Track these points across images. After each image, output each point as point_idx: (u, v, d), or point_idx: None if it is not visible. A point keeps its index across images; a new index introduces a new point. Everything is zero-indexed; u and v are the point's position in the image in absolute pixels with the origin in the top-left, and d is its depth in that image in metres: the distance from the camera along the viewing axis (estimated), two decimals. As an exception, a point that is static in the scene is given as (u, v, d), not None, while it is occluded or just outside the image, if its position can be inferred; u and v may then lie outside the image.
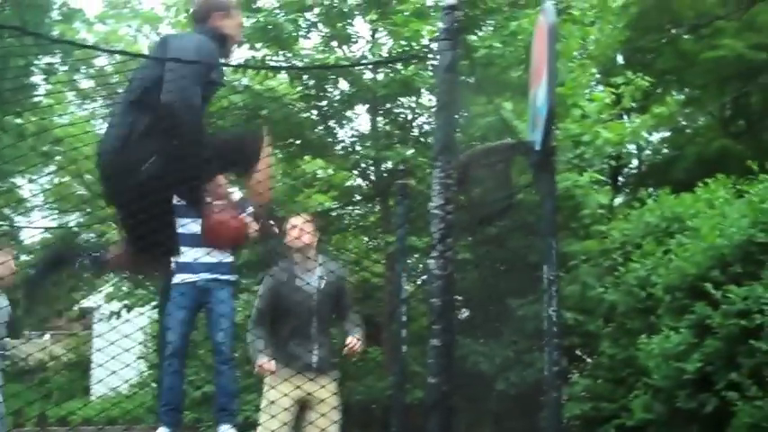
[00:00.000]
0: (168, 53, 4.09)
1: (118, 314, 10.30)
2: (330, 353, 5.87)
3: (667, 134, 20.72)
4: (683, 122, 20.63)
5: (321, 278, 5.84)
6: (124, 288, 11.52)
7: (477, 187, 5.34)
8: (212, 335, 6.23)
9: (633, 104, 10.75)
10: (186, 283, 6.10)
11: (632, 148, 19.23)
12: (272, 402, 5.60)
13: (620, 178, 20.49)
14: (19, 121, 15.32)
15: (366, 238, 12.40)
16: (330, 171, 11.94)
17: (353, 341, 5.79)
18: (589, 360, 7.84)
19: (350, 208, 12.40)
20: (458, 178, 4.95)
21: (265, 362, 5.68)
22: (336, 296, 5.90)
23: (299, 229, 5.82)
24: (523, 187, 5.69)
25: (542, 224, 4.82)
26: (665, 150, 21.30)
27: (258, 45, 10.14)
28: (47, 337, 21.39)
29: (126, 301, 11.11)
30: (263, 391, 5.86)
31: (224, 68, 4.53)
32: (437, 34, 3.44)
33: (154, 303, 10.54)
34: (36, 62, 17.28)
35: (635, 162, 21.51)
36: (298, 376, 5.51)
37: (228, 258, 6.23)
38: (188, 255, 5.90)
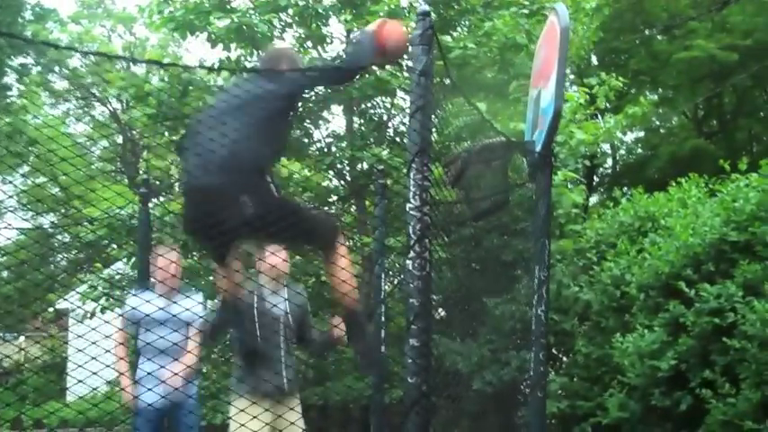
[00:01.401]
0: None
1: (92, 314, 10.24)
2: (295, 376, 5.90)
3: (641, 134, 20.90)
4: (657, 123, 20.82)
5: (287, 301, 5.79)
6: (99, 288, 11.46)
7: (475, 183, 5.36)
8: None
9: (607, 105, 10.83)
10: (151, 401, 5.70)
11: (607, 148, 19.39)
12: (243, 425, 5.50)
13: (595, 178, 20.64)
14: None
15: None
16: (306, 172, 11.96)
17: (336, 331, 5.56)
18: (565, 359, 7.88)
19: (325, 208, 12.41)
20: (455, 174, 5.00)
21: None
22: (301, 319, 5.86)
23: (274, 255, 5.70)
24: (517, 185, 5.73)
25: (535, 223, 4.85)
26: (640, 150, 21.49)
27: (232, 46, 10.13)
28: (22, 338, 21.21)
29: (102, 302, 11.04)
30: (231, 416, 5.75)
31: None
32: (412, 39, 3.47)
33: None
34: (9, 62, 17.18)
35: (609, 162, 21.67)
36: (267, 400, 5.47)
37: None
38: (155, 364, 5.62)
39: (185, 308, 5.79)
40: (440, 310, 7.48)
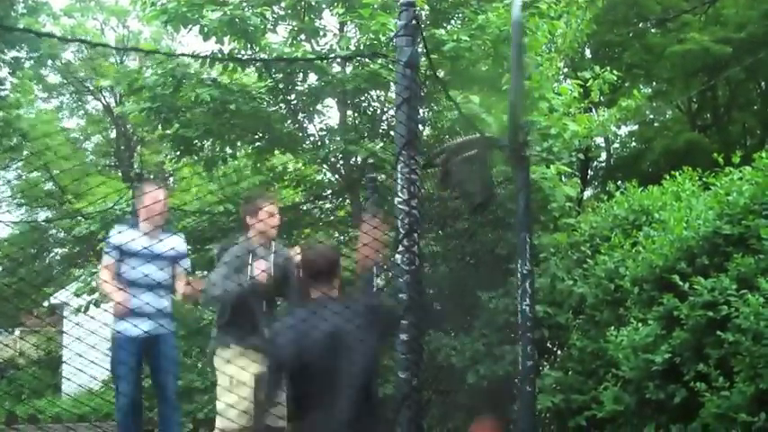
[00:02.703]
0: None
1: (86, 309, 10.20)
2: None
3: (635, 128, 20.90)
4: (651, 116, 20.82)
5: (275, 264, 5.98)
6: (93, 283, 11.42)
7: (458, 180, 5.36)
8: (163, 382, 6.14)
9: (601, 98, 10.80)
10: (136, 334, 5.84)
11: (601, 141, 19.38)
12: (232, 377, 5.70)
13: (590, 171, 20.63)
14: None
15: (336, 233, 12.40)
16: (299, 165, 11.94)
17: None
18: (559, 352, 7.86)
19: (320, 202, 12.40)
20: (441, 172, 5.01)
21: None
22: (283, 279, 5.99)
23: (275, 216, 5.97)
24: (500, 180, 5.74)
25: (517, 218, 4.84)
26: (634, 144, 21.48)
27: (225, 39, 10.08)
28: (16, 333, 21.19)
29: (95, 296, 11.00)
30: (219, 372, 5.88)
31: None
32: (396, 31, 3.44)
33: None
34: (2, 56, 17.11)
35: (604, 155, 21.67)
36: (252, 353, 5.69)
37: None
38: (141, 299, 5.82)
39: (170, 245, 6.07)
40: (435, 304, 7.47)
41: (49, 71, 22.62)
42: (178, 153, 11.09)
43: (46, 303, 21.23)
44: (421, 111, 3.48)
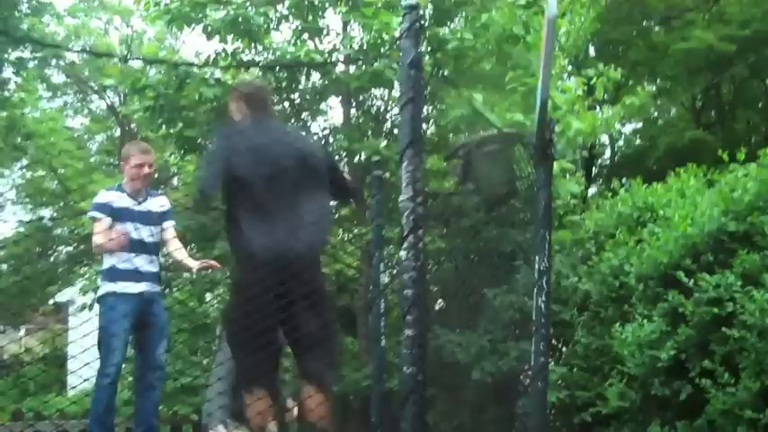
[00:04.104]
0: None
1: (90, 306, 10.21)
2: None
3: (639, 125, 20.89)
4: (655, 114, 20.81)
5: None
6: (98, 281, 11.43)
7: (482, 174, 5.37)
8: (153, 348, 6.01)
9: (605, 96, 10.81)
10: (130, 293, 5.83)
11: (605, 139, 19.38)
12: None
13: (594, 169, 20.63)
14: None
15: (340, 230, 12.41)
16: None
17: None
18: (564, 349, 7.87)
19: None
20: (462, 167, 5.02)
21: None
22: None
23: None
24: (521, 177, 5.73)
25: (538, 215, 4.84)
26: (638, 141, 21.47)
27: (229, 38, 10.09)
28: (22, 331, 21.27)
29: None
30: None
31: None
32: (399, 32, 3.47)
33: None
34: (6, 57, 17.13)
35: (608, 153, 21.66)
36: None
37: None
38: (133, 261, 5.81)
39: (158, 204, 6.10)
40: (439, 300, 7.50)
41: (52, 71, 22.65)
42: (182, 152, 11.10)
43: (51, 301, 21.30)
44: (424, 109, 3.52)
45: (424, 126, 9.33)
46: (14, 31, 14.54)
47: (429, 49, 8.85)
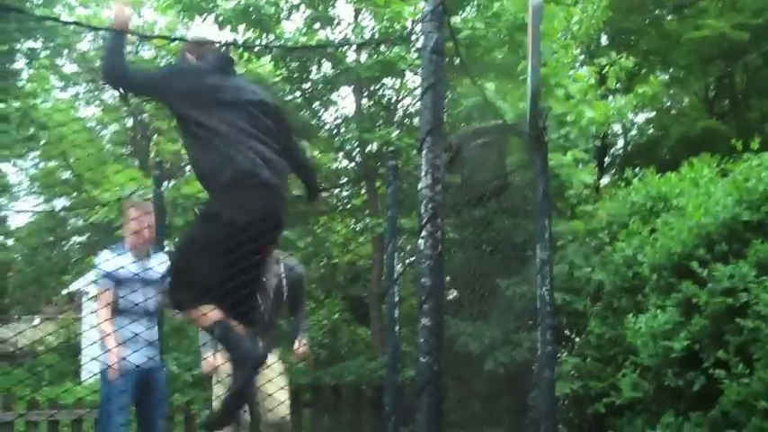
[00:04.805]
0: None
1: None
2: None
3: (652, 115, 20.80)
4: (668, 103, 20.71)
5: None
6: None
7: (471, 167, 5.37)
8: (153, 417, 5.97)
9: (618, 85, 10.76)
10: (131, 366, 5.64)
11: (618, 129, 19.31)
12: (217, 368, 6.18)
13: (606, 159, 20.57)
14: (2, 105, 15.23)
15: (353, 220, 12.43)
16: (316, 153, 11.95)
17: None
18: (577, 339, 7.87)
19: (336, 190, 12.42)
20: (450, 159, 5.01)
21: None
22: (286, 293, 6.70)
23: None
24: (515, 168, 5.72)
25: (536, 204, 4.84)
26: (651, 131, 21.38)
27: (240, 28, 10.09)
28: (37, 320, 21.37)
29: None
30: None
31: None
32: (422, 15, 3.44)
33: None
34: (18, 46, 17.16)
35: (620, 143, 21.59)
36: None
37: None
38: (134, 330, 5.48)
39: (160, 269, 5.80)
40: (452, 290, 7.49)
41: (64, 61, 22.69)
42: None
43: (64, 291, 21.39)
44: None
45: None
46: (27, 19, 14.56)
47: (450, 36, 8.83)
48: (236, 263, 3.91)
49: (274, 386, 6.06)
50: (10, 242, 26.08)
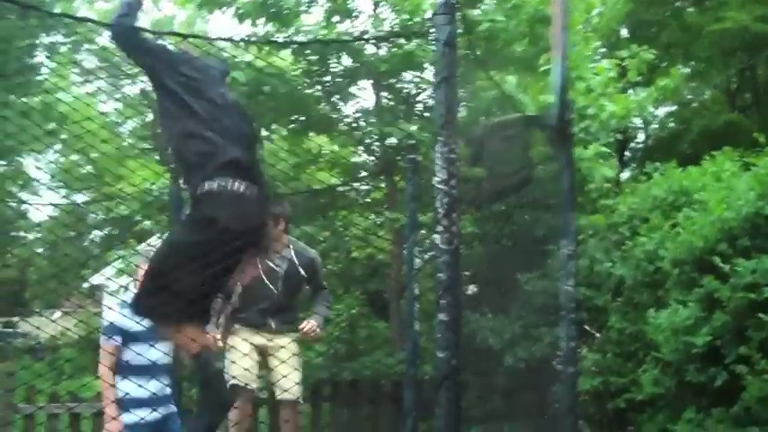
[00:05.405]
0: None
1: (126, 288, 10.28)
2: (289, 318, 6.94)
3: (673, 108, 20.65)
4: (689, 96, 20.55)
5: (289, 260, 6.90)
6: (133, 264, 11.51)
7: (494, 160, 5.33)
8: None
9: (639, 78, 10.67)
10: (145, 424, 5.47)
11: (638, 122, 19.17)
12: (232, 347, 6.61)
13: (627, 153, 20.45)
14: (24, 99, 15.30)
15: (372, 215, 12.41)
16: (335, 147, 11.93)
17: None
18: (597, 335, 7.81)
19: (355, 184, 12.40)
20: (474, 151, 4.97)
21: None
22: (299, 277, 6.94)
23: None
24: (539, 161, 5.67)
25: (561, 198, 4.80)
26: (672, 124, 21.23)
27: (259, 22, 10.07)
28: (57, 314, 21.48)
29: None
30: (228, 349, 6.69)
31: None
32: (435, 8, 3.42)
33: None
34: (39, 41, 17.22)
35: (641, 137, 21.45)
36: (255, 333, 6.76)
37: None
38: (147, 387, 5.42)
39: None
40: (471, 286, 7.47)
41: (85, 56, 22.76)
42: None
43: (85, 285, 21.48)
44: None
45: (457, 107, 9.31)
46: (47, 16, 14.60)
47: (460, 30, 8.78)
48: (211, 267, 3.83)
49: (288, 367, 6.48)
50: (31, 237, 26.28)
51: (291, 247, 6.97)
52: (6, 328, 22.78)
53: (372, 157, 11.62)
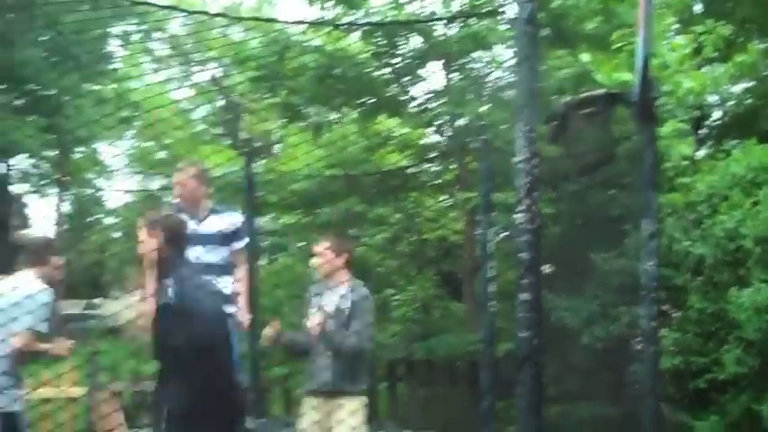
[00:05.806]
0: None
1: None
2: (350, 373, 5.37)
3: (751, 84, 20.20)
4: (767, 72, 20.08)
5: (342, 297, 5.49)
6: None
7: (577, 138, 5.26)
8: None
9: (715, 54, 10.43)
10: None
11: (715, 99, 18.79)
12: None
13: (703, 130, 20.07)
14: (97, 87, 15.60)
15: (443, 196, 12.40)
16: (405, 129, 11.93)
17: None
18: (675, 314, 7.68)
19: (426, 165, 12.39)
20: (554, 129, 4.90)
21: None
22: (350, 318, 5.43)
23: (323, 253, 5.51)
24: (621, 139, 5.58)
25: (638, 177, 4.73)
26: (749, 101, 20.77)
27: (328, 5, 10.10)
28: (137, 297, 21.92)
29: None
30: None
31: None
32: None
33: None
34: (111, 30, 17.51)
35: (717, 114, 21.03)
36: (315, 396, 5.41)
37: None
38: None
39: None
40: (547, 265, 7.41)
41: (156, 44, 23.10)
42: (286, 120, 11.22)
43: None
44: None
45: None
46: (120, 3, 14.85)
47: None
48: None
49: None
50: (108, 221, 26.86)
51: (346, 282, 5.57)
52: (87, 310, 23.28)
53: (443, 138, 11.59)
